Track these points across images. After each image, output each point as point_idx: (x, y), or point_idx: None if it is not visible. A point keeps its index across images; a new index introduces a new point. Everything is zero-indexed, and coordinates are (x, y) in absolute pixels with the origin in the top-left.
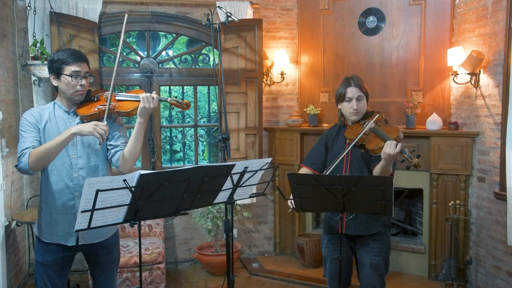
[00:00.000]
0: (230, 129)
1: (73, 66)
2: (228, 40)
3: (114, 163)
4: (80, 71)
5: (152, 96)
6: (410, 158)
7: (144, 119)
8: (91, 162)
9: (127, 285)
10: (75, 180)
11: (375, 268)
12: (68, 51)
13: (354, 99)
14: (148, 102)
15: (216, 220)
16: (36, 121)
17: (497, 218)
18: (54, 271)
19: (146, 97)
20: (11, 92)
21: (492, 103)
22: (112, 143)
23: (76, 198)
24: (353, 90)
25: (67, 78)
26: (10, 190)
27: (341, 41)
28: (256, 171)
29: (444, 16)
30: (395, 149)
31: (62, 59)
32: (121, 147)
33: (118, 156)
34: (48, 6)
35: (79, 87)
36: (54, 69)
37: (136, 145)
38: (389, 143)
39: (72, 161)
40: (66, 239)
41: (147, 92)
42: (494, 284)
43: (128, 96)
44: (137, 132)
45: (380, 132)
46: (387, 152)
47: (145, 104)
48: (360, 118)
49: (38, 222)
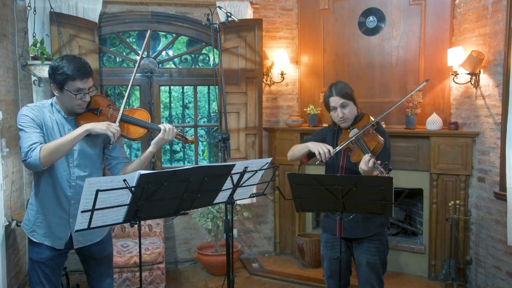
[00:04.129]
0: (230, 129)
1: (78, 82)
2: (228, 40)
3: (115, 175)
4: (85, 88)
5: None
6: (381, 172)
7: (156, 149)
8: (87, 171)
9: (127, 285)
10: (72, 189)
11: (372, 267)
12: (73, 64)
13: (339, 108)
14: (168, 134)
15: (216, 220)
16: (36, 117)
17: (497, 218)
18: (49, 268)
19: (169, 129)
20: (11, 92)
21: (492, 103)
22: (112, 155)
23: (72, 205)
24: (335, 99)
25: (70, 94)
26: (10, 190)
27: (341, 41)
28: (256, 171)
29: (444, 16)
30: (368, 166)
31: (67, 74)
32: (122, 160)
33: (119, 168)
34: (48, 6)
35: (81, 101)
36: (57, 81)
37: (140, 168)
38: (364, 158)
39: (70, 169)
40: (55, 242)
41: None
42: (494, 284)
43: (136, 120)
44: (146, 158)
45: (361, 144)
46: (362, 168)
47: (164, 136)
48: (351, 123)
49: (28, 219)
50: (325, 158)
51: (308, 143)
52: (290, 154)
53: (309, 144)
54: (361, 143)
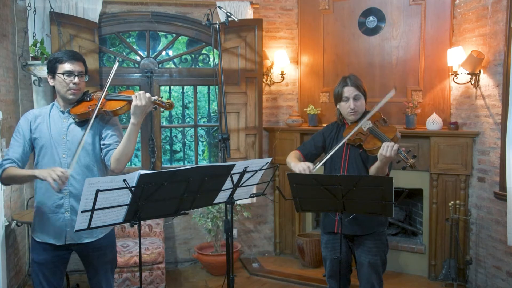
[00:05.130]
0: (230, 129)
1: (67, 64)
2: (228, 40)
3: (107, 162)
4: (73, 70)
5: (146, 94)
6: (406, 158)
7: (137, 120)
8: (81, 161)
9: (127, 285)
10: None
11: (374, 267)
12: (64, 51)
13: (351, 99)
14: (140, 99)
15: (216, 220)
16: (28, 125)
17: (497, 218)
18: (49, 270)
19: (139, 94)
20: (11, 92)
21: (492, 103)
22: (105, 142)
23: (65, 197)
24: (350, 90)
25: (60, 77)
26: (10, 190)
27: (341, 41)
28: (256, 171)
29: (444, 16)
30: (392, 151)
31: (56, 58)
32: (114, 146)
33: (110, 155)
34: (48, 6)
35: (72, 85)
36: (50, 69)
37: (129, 145)
38: (386, 144)
39: (61, 161)
40: (55, 238)
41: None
42: (494, 284)
43: (118, 96)
44: (129, 133)
45: (377, 133)
46: (384, 154)
47: (137, 102)
48: (359, 118)
49: (33, 221)
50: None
51: (291, 163)
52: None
53: (291, 164)
54: (377, 132)
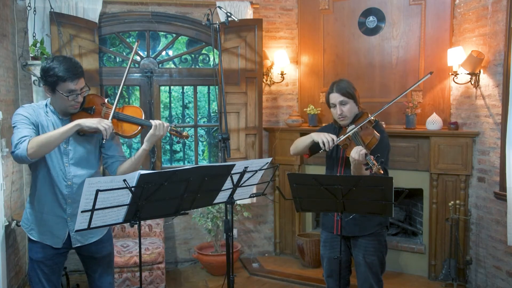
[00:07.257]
0: (230, 129)
1: (69, 84)
2: (228, 40)
3: (110, 172)
4: (77, 89)
5: (164, 124)
6: (372, 165)
7: (150, 147)
8: (83, 170)
9: (127, 285)
10: (69, 188)
11: (371, 266)
12: (63, 65)
13: (338, 105)
14: (159, 130)
15: (216, 220)
16: (31, 115)
17: (497, 218)
18: (48, 267)
19: (159, 124)
20: (11, 92)
21: (492, 103)
22: (108, 153)
23: (68, 204)
24: (335, 96)
25: (62, 95)
26: (10, 190)
27: (341, 41)
28: (256, 171)
29: (444, 16)
30: (359, 155)
31: (57, 75)
32: (118, 158)
33: (115, 167)
34: (48, 6)
35: (74, 102)
36: (49, 83)
37: (136, 166)
38: (356, 148)
39: (66, 168)
40: (53, 241)
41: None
42: (494, 284)
43: (130, 118)
44: (139, 157)
45: (357, 139)
46: (352, 156)
47: (155, 132)
48: (350, 121)
49: (26, 218)
50: (329, 147)
51: (312, 134)
52: (293, 147)
53: (313, 134)
54: (357, 139)
